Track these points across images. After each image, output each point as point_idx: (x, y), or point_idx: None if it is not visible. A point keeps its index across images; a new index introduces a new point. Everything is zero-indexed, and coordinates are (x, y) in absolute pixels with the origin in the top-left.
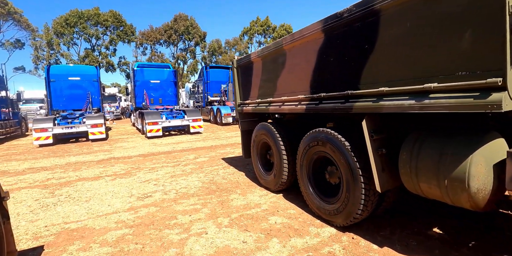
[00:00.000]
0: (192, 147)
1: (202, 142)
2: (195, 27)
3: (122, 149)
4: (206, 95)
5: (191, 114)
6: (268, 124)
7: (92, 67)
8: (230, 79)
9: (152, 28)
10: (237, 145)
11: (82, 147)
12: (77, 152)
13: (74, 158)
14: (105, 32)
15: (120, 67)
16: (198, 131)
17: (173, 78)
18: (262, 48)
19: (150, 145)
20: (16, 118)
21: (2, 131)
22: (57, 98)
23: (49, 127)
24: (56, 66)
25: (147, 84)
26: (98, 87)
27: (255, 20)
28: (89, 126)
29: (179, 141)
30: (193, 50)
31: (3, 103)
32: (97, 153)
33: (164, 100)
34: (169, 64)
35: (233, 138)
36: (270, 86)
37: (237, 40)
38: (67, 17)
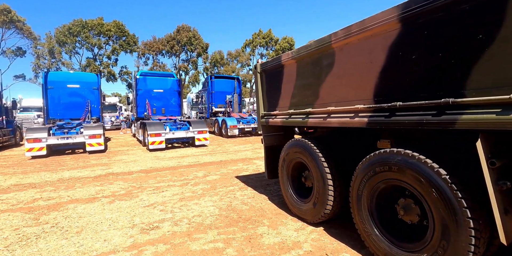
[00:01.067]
0: (199, 162)
1: (210, 157)
2: (197, 38)
3: (122, 163)
4: (211, 106)
5: (196, 125)
6: (306, 141)
7: (92, 75)
8: (235, 89)
9: (154, 38)
10: (249, 160)
11: (78, 160)
12: (72, 166)
13: (68, 173)
14: (107, 41)
15: (121, 77)
16: (204, 144)
17: (177, 88)
18: (298, 48)
19: (152, 159)
20: (10, 127)
21: None
22: (54, 106)
23: (43, 137)
24: (55, 73)
25: (150, 93)
26: (98, 96)
27: (257, 32)
28: (87, 137)
29: (184, 154)
30: (195, 61)
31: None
32: (94, 167)
33: (167, 110)
34: (173, 73)
35: (242, 152)
36: (308, 94)
37: (239, 52)
38: (71, 26)
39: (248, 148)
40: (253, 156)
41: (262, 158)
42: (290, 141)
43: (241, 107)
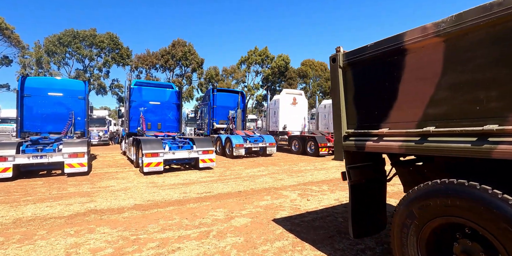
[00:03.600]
0: (211, 193)
1: (222, 184)
2: (193, 53)
3: (109, 193)
4: (212, 122)
5: (200, 144)
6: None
7: (79, 82)
8: (239, 104)
9: (148, 52)
10: (275, 191)
11: (52, 186)
12: (42, 196)
13: (33, 209)
14: (99, 53)
15: (112, 90)
16: (209, 166)
17: (175, 100)
18: (456, 15)
19: (149, 187)
20: None
21: None
22: (31, 117)
23: (9, 155)
24: (34, 78)
25: (145, 105)
26: (85, 107)
27: (253, 50)
28: (66, 156)
29: (188, 180)
30: (190, 76)
31: None
32: (71, 198)
33: (163, 126)
34: (171, 84)
35: (259, 177)
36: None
37: (235, 68)
38: (61, 36)
39: (263, 173)
40: (276, 184)
41: (290, 188)
42: (431, 184)
43: (244, 124)
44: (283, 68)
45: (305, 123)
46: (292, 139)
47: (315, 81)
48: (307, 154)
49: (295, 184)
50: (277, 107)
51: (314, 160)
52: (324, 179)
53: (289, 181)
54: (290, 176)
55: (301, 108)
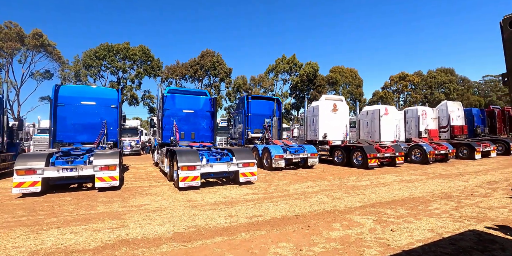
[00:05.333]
0: (264, 218)
1: (271, 204)
2: (221, 63)
3: (143, 214)
4: (246, 131)
5: (240, 155)
6: None
7: (111, 90)
8: (275, 112)
9: (178, 63)
10: (342, 215)
11: (80, 204)
12: (68, 217)
13: (54, 236)
14: (132, 65)
15: (144, 101)
16: (250, 181)
17: (209, 108)
18: None
19: (187, 207)
20: (13, 150)
21: None
22: (63, 127)
23: (38, 167)
24: (68, 87)
25: (178, 114)
26: (117, 116)
27: (280, 58)
28: (97, 169)
29: (230, 198)
30: (218, 86)
31: None
32: (99, 220)
33: (197, 135)
34: (205, 91)
35: (312, 195)
36: None
37: (263, 77)
38: (97, 50)
39: (314, 189)
40: (338, 205)
41: (357, 211)
42: None
43: (281, 133)
44: (311, 76)
45: (346, 131)
46: (334, 149)
47: (345, 88)
48: (352, 165)
49: (361, 205)
50: (316, 115)
51: (364, 173)
52: (393, 198)
53: (351, 201)
54: (348, 194)
55: (342, 115)
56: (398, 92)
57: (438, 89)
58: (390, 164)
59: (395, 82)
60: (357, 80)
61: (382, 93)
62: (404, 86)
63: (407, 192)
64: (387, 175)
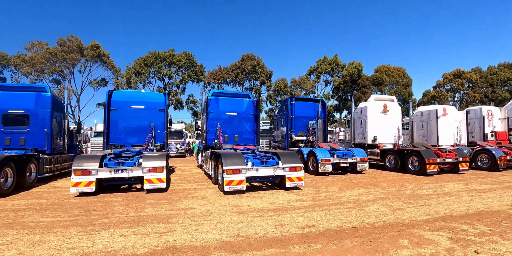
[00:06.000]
0: (317, 228)
1: (323, 213)
2: (261, 66)
3: (189, 219)
4: (290, 134)
5: (287, 159)
6: None
7: (159, 94)
8: (319, 114)
9: (220, 67)
10: (406, 229)
11: (130, 205)
12: (118, 218)
13: (105, 238)
14: (177, 71)
15: (188, 105)
16: (297, 186)
17: (253, 110)
18: None
19: (233, 212)
20: (73, 152)
21: (50, 168)
22: (115, 130)
23: (93, 168)
24: (120, 92)
25: (222, 116)
26: (164, 119)
27: (322, 59)
28: (146, 171)
29: (277, 204)
30: (259, 89)
31: (57, 133)
32: (147, 224)
33: (240, 138)
34: (248, 93)
35: (367, 204)
36: None
37: (304, 79)
38: (146, 58)
39: (368, 197)
40: (401, 218)
41: (425, 225)
42: None
43: (326, 135)
44: (355, 76)
45: (399, 134)
46: (386, 153)
47: (392, 88)
48: (407, 171)
49: (428, 218)
50: (364, 116)
51: (423, 180)
52: (466, 211)
53: (415, 213)
54: (409, 204)
55: (393, 116)
56: (453, 91)
57: (501, 87)
58: (452, 171)
59: (449, 80)
60: (405, 79)
61: (434, 92)
62: (460, 84)
63: (482, 204)
64: (451, 183)
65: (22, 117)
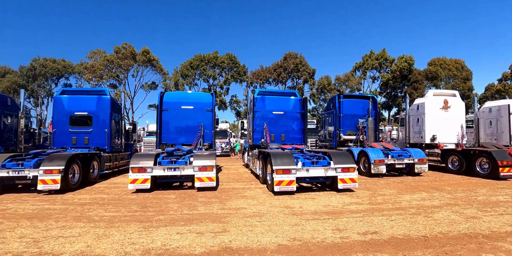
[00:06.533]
0: (381, 236)
1: (384, 219)
2: (304, 64)
3: (242, 219)
4: (338, 133)
5: (339, 159)
6: None
7: (207, 95)
8: (370, 112)
9: (262, 67)
10: (489, 242)
11: (183, 202)
12: (173, 215)
13: (163, 235)
14: (221, 73)
15: (231, 105)
16: (349, 188)
17: (299, 109)
18: None
19: (286, 214)
20: (129, 150)
21: (109, 165)
22: (167, 129)
23: (148, 166)
24: (170, 93)
25: (268, 115)
26: (212, 119)
27: (368, 54)
28: (196, 169)
29: (331, 207)
30: (301, 87)
31: (116, 133)
32: (201, 222)
33: (287, 137)
34: (295, 91)
35: (434, 211)
36: None
37: (349, 76)
38: (192, 61)
39: (434, 202)
40: (479, 228)
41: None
42: None
43: (378, 134)
44: (405, 71)
45: (462, 133)
46: (447, 154)
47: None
48: (475, 174)
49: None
50: (421, 113)
51: (496, 184)
52: None
53: (495, 223)
54: (485, 213)
55: (455, 113)
56: None
57: None
58: None
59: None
60: (464, 72)
61: (500, 86)
62: None
63: None
64: None
65: (85, 119)
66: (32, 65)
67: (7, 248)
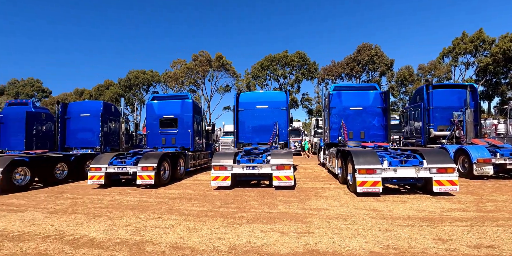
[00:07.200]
0: (500, 251)
1: (501, 230)
2: (380, 55)
3: (325, 221)
4: (427, 128)
5: (433, 158)
6: None
7: (281, 93)
8: (468, 103)
9: (334, 62)
10: None
11: (263, 201)
12: (254, 213)
13: (247, 233)
14: (291, 71)
15: (303, 104)
16: (446, 191)
17: (380, 103)
18: None
19: (373, 218)
20: (209, 150)
21: (193, 163)
22: (243, 129)
23: (228, 165)
24: (246, 94)
25: (346, 112)
26: (286, 117)
27: (459, 37)
28: (274, 168)
29: (426, 213)
30: (378, 81)
31: (197, 133)
32: (283, 222)
33: (367, 134)
34: (374, 84)
35: None
36: None
37: (435, 64)
38: (262, 62)
39: None
40: None
41: None
42: None
43: (479, 129)
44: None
45: None
46: None
47: None
48: None
49: None
50: None
51: None
52: None
53: None
54: None
55: None
56: None
57: None
58: None
59: None
60: None
61: None
62: None
63: None
64: None
65: (172, 121)
66: (128, 76)
67: (117, 234)
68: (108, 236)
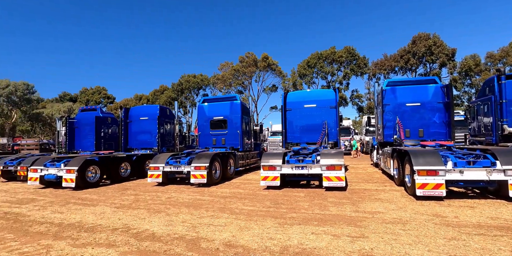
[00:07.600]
0: None
1: None
2: (439, 45)
3: (381, 225)
4: (500, 125)
5: (509, 158)
6: None
7: (329, 91)
8: None
9: (386, 56)
10: None
11: (313, 202)
12: (305, 214)
13: (298, 234)
14: (339, 68)
15: (352, 101)
16: None
17: (442, 98)
18: None
19: (437, 224)
20: (257, 150)
21: (242, 163)
22: (291, 129)
23: (277, 165)
24: (293, 93)
25: (401, 108)
26: (336, 116)
27: None
28: (324, 168)
29: (501, 220)
30: (438, 73)
31: (246, 134)
32: (335, 224)
33: (426, 132)
34: (434, 78)
35: None
36: None
37: (507, 51)
38: (309, 60)
39: None
40: None
41: None
42: None
43: None
44: None
45: None
46: None
47: None
48: None
49: None
50: None
51: None
52: None
53: None
54: None
55: None
56: None
57: None
58: None
59: None
60: None
61: None
62: None
63: None
64: None
65: (222, 122)
66: (180, 81)
67: (174, 229)
68: (167, 231)
